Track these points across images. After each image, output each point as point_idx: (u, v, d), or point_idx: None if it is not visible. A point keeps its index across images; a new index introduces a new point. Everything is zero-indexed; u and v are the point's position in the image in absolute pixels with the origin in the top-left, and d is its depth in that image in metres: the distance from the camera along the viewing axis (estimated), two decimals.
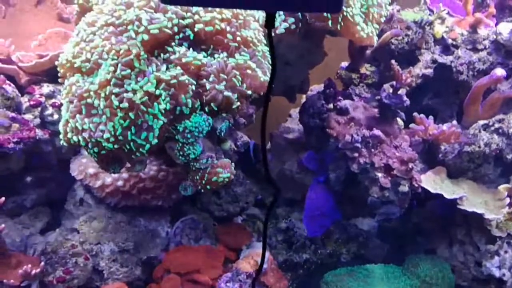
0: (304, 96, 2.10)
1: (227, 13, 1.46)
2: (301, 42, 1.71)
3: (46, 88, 1.79)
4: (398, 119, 1.86)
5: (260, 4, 0.65)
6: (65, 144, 1.50)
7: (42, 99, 1.75)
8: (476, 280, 1.90)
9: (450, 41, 1.88)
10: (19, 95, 1.74)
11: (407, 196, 1.80)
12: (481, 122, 1.82)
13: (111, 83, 1.38)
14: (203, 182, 1.56)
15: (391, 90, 1.76)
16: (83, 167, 1.84)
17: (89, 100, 1.41)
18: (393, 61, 1.74)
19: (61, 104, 1.72)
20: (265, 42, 1.53)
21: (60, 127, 1.49)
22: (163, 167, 1.92)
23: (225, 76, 1.43)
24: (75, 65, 1.45)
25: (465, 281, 1.92)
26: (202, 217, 2.02)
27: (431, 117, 1.82)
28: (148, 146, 1.43)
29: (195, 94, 1.44)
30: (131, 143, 1.42)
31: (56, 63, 1.51)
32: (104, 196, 1.83)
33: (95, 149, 1.45)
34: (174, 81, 1.39)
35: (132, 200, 1.85)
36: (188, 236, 1.94)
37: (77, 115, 1.43)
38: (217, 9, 1.45)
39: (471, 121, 1.86)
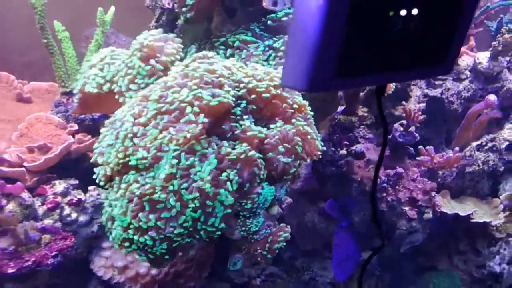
0: None
1: (278, 80, 1.46)
2: (319, 95, 1.77)
3: (59, 185, 1.60)
4: None
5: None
6: (124, 251, 1.39)
7: (58, 199, 1.57)
8: (475, 282, 2.09)
9: None
10: (34, 200, 1.54)
11: (429, 222, 1.95)
12: (474, 143, 2.03)
13: (177, 175, 1.30)
14: (264, 252, 1.54)
15: (401, 129, 1.89)
16: (110, 262, 1.69)
17: (154, 196, 1.31)
18: (403, 102, 1.88)
19: (79, 201, 1.59)
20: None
21: (119, 231, 1.37)
22: None
23: (288, 146, 1.44)
24: (130, 163, 1.35)
25: (465, 285, 2.13)
26: None
27: (431, 147, 1.99)
28: (219, 232, 1.38)
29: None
30: (201, 232, 1.36)
31: (100, 171, 1.39)
32: None
33: (164, 246, 1.36)
34: (243, 156, 1.36)
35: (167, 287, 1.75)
36: None
37: (140, 214, 1.33)
38: (270, 76, 1.45)
39: (462, 144, 2.06)
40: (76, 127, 1.82)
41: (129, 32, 2.24)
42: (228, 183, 1.31)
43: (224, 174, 1.30)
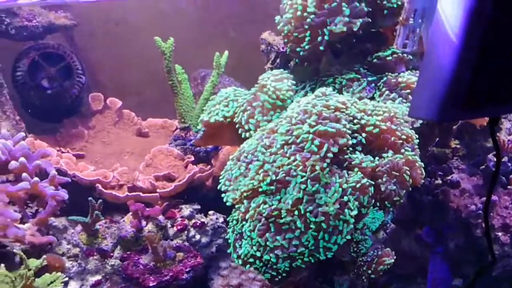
0: None
1: (383, 114, 1.58)
2: (420, 128, 1.86)
3: (186, 210, 1.77)
4: None
5: None
6: (244, 266, 1.52)
7: (186, 222, 1.73)
8: None
9: None
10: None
11: None
12: None
13: (304, 200, 1.43)
14: (370, 273, 1.63)
15: (495, 159, 1.95)
16: (226, 281, 1.82)
17: (279, 219, 1.45)
18: (498, 134, 1.96)
19: (202, 224, 1.74)
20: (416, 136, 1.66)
21: (247, 248, 1.51)
22: None
23: (397, 173, 1.54)
24: (260, 189, 1.49)
25: None
26: None
27: None
28: (335, 247, 1.49)
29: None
30: (321, 250, 1.47)
31: (229, 195, 1.54)
32: None
33: (286, 264, 1.48)
34: (358, 185, 1.47)
35: None
36: None
37: (267, 234, 1.46)
38: (380, 111, 1.57)
39: None
40: (192, 158, 1.99)
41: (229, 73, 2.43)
42: (350, 204, 1.43)
43: (345, 197, 1.43)
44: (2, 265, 1.39)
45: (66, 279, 1.47)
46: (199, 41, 2.43)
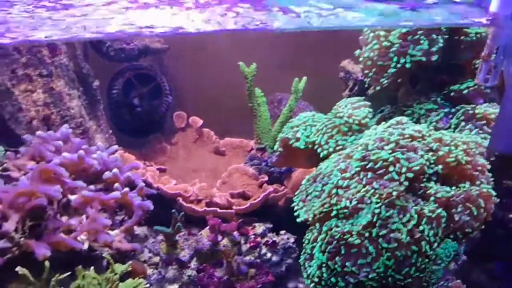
0: None
1: (461, 145, 1.56)
2: (496, 161, 1.82)
3: (259, 227, 1.82)
4: None
5: None
6: (313, 285, 1.54)
7: (258, 239, 1.78)
8: None
9: None
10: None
11: None
12: None
13: (377, 225, 1.44)
14: None
15: None
16: None
17: (349, 241, 1.45)
18: None
19: (273, 242, 1.77)
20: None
21: (314, 269, 1.52)
22: None
23: (471, 205, 1.51)
24: (332, 213, 1.51)
25: None
26: None
27: None
28: (408, 280, 1.47)
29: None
30: (389, 278, 1.46)
31: (302, 214, 1.57)
32: None
33: None
34: (433, 214, 1.46)
35: None
36: None
37: (336, 257, 1.48)
38: (457, 142, 1.55)
39: None
40: (266, 178, 2.04)
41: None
42: (425, 234, 1.42)
43: (420, 227, 1.42)
44: (92, 267, 1.49)
45: (148, 285, 1.54)
46: (277, 66, 2.49)
